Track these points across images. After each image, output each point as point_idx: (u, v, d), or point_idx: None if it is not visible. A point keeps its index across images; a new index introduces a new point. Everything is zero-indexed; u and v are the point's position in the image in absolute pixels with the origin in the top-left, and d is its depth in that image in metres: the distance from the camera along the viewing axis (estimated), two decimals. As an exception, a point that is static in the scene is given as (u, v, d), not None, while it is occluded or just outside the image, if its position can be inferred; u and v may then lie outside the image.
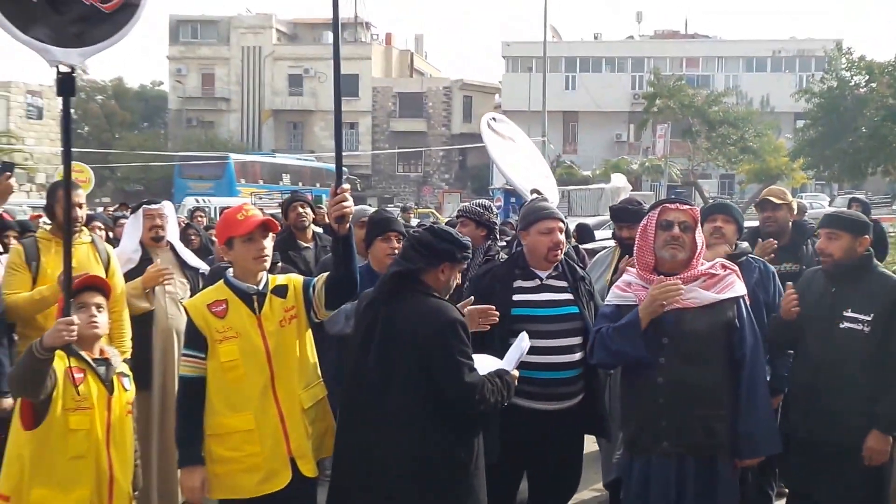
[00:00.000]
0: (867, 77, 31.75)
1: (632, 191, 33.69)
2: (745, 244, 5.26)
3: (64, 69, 3.67)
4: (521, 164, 8.62)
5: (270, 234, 3.98)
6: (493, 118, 8.94)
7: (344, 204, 3.75)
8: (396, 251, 4.48)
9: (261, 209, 4.88)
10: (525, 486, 4.71)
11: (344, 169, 4.26)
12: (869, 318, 4.12)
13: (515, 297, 4.35)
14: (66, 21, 3.64)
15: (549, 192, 8.22)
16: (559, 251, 4.47)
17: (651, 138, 44.91)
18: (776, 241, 5.58)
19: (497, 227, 5.73)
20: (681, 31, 58.93)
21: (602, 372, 4.65)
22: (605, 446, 5.49)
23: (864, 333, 4.12)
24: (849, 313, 4.16)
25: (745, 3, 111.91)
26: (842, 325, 4.16)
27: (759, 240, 5.71)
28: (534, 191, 7.16)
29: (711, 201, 18.70)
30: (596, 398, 4.55)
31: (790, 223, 5.94)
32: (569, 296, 4.47)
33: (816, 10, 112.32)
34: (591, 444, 5.24)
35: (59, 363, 3.61)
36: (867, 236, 4.32)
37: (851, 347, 4.12)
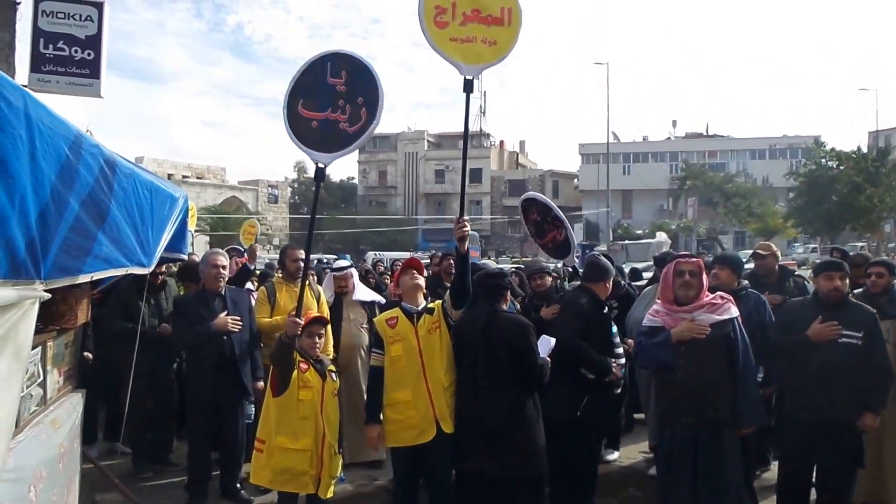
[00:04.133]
0: (837, 162, 30.94)
1: (670, 244, 32.74)
2: (745, 282, 5.13)
3: (321, 165, 3.91)
4: None
5: (422, 275, 4.21)
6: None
7: (465, 228, 3.90)
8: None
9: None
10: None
11: (475, 233, 4.40)
12: (860, 335, 3.98)
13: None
14: (327, 136, 3.87)
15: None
16: None
17: (684, 207, 44.00)
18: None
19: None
20: (704, 133, 56.92)
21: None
22: (651, 421, 5.31)
23: (858, 346, 3.97)
24: (845, 331, 4.00)
25: (751, 107, 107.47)
26: (841, 340, 4.00)
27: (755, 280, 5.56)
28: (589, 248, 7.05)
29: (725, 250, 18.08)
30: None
31: (776, 266, 5.73)
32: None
33: (802, 111, 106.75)
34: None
35: (296, 359, 3.85)
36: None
37: (849, 355, 3.96)
